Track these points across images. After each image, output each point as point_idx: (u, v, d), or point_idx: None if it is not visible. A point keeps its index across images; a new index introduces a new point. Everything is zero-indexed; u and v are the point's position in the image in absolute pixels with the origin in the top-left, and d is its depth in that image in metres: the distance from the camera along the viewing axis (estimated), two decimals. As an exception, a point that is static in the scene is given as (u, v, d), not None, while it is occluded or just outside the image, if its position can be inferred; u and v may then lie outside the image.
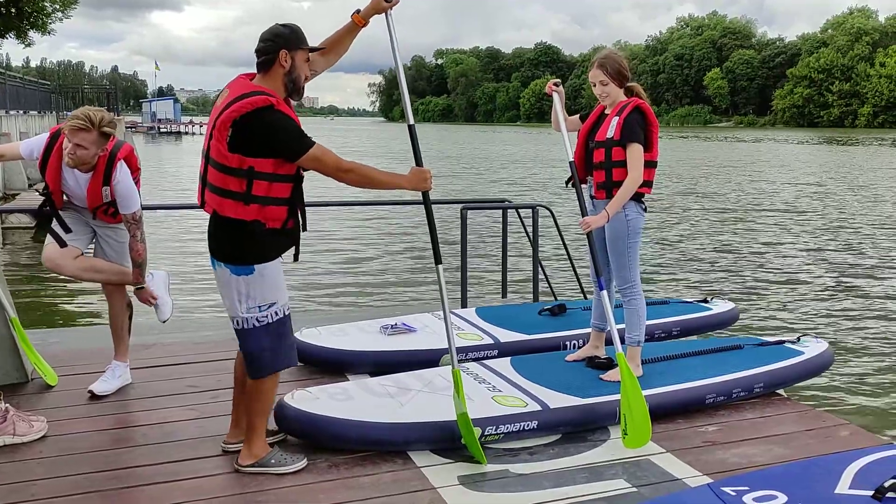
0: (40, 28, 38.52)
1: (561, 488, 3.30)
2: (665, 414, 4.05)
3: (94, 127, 3.89)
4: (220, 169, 3.15)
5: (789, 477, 2.86)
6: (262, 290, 3.28)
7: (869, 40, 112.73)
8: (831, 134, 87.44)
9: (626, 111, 4.15)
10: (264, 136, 3.10)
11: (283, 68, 3.23)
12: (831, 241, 16.49)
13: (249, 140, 3.10)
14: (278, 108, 3.13)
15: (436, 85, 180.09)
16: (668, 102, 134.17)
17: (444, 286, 3.68)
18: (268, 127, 3.10)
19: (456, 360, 3.65)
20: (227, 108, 3.12)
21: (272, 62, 3.23)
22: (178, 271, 12.69)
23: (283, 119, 3.14)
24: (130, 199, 4.14)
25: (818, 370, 4.74)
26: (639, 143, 4.11)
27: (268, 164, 3.14)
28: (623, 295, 4.32)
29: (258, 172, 3.13)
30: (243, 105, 3.09)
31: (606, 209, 4.11)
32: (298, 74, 3.27)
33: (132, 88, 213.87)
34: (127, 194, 4.13)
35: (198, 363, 4.87)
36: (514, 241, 7.45)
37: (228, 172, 3.14)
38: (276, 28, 3.28)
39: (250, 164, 3.12)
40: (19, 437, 3.63)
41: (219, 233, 3.27)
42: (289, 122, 3.15)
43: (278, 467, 3.39)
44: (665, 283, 12.42)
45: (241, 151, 3.11)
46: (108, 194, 4.13)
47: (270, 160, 3.14)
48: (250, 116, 3.08)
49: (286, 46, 3.22)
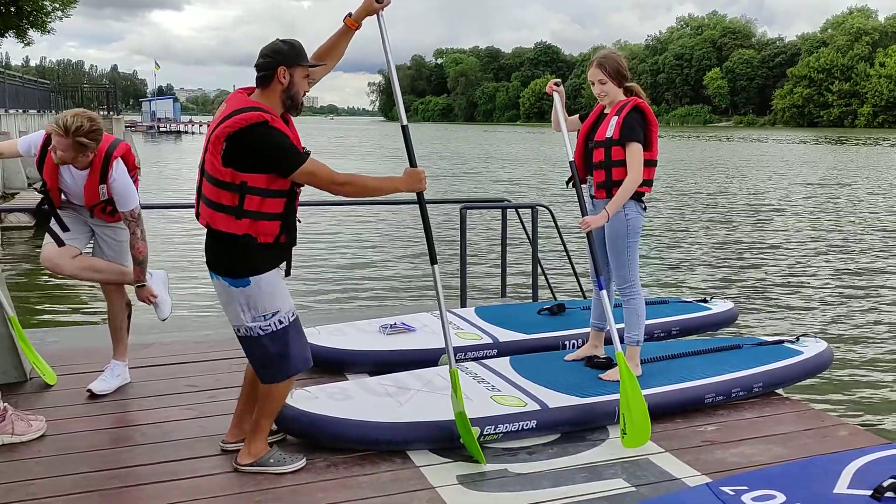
0: (40, 27, 38.51)
1: (560, 488, 3.30)
2: (664, 413, 4.05)
3: (66, 134, 3.86)
4: (214, 183, 3.18)
5: (788, 476, 2.86)
6: (262, 301, 3.29)
7: (869, 40, 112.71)
8: (831, 133, 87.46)
9: (625, 111, 4.15)
10: (258, 151, 3.12)
11: (281, 85, 3.24)
12: (831, 240, 16.49)
13: (243, 155, 3.12)
14: (273, 124, 3.15)
15: (435, 84, 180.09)
16: (667, 102, 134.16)
17: (440, 286, 3.68)
18: (261, 143, 3.11)
19: (454, 359, 3.65)
20: (222, 122, 3.14)
21: (271, 78, 3.24)
22: (178, 270, 12.70)
23: (277, 135, 3.15)
24: (128, 196, 4.11)
25: (817, 370, 4.74)
26: (638, 143, 4.11)
27: (261, 180, 3.15)
28: (622, 294, 4.32)
29: (251, 187, 3.15)
30: (237, 120, 3.11)
31: (606, 209, 4.11)
32: (297, 91, 3.29)
33: (132, 88, 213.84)
34: (124, 192, 4.09)
35: (197, 363, 4.87)
36: (513, 241, 7.45)
37: (221, 186, 3.16)
38: (276, 45, 3.28)
39: (243, 179, 3.13)
40: (18, 437, 3.63)
41: (214, 246, 3.29)
42: (283, 139, 3.16)
43: (277, 467, 3.39)
44: (664, 282, 12.42)
45: (235, 166, 3.13)
46: (104, 192, 4.11)
47: (264, 175, 3.15)
48: (244, 132, 3.10)
49: (285, 63, 3.23)
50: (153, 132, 74.71)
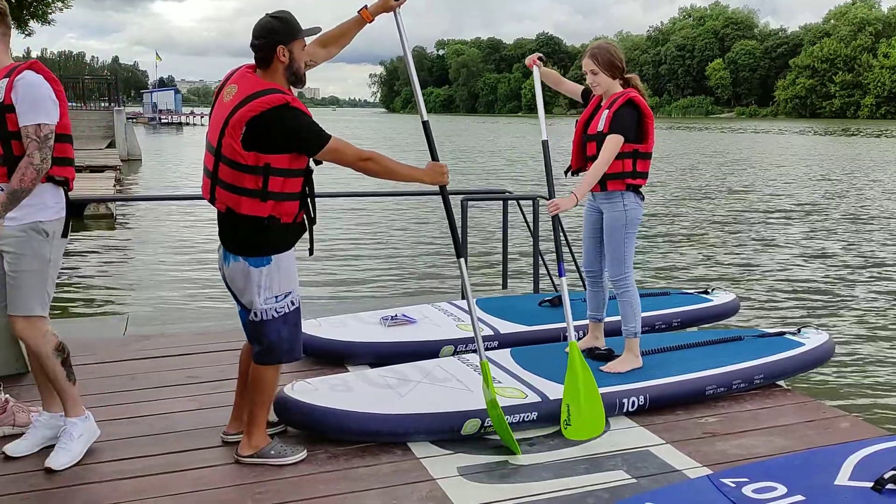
0: (41, 18, 38.41)
1: (560, 479, 3.30)
2: (665, 405, 4.05)
3: None
4: (234, 166, 3.15)
5: (789, 468, 2.86)
6: (279, 281, 3.30)
7: (872, 30, 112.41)
8: (833, 125, 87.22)
9: (616, 104, 4.14)
10: (283, 133, 3.11)
11: (282, 63, 3.22)
12: (833, 232, 16.47)
13: (267, 138, 3.10)
14: (294, 105, 3.14)
15: (437, 76, 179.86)
16: (669, 93, 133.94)
17: (468, 280, 3.71)
18: (287, 125, 3.11)
19: (483, 350, 3.66)
20: (239, 106, 3.11)
21: (271, 59, 3.22)
22: (180, 261, 12.71)
23: (301, 116, 3.15)
24: (37, 104, 3.18)
25: (818, 362, 4.74)
26: (619, 135, 4.09)
27: (283, 160, 3.15)
28: (615, 287, 4.31)
29: (274, 169, 3.14)
30: (259, 104, 3.08)
31: (574, 191, 4.10)
32: (298, 65, 3.27)
33: (133, 79, 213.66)
34: (33, 96, 3.19)
35: (198, 354, 4.87)
36: (514, 232, 7.44)
37: (243, 170, 3.14)
38: (268, 23, 3.22)
39: (266, 161, 3.12)
40: (19, 428, 3.62)
41: (235, 229, 3.26)
42: (305, 118, 3.17)
43: (278, 458, 3.40)
44: (666, 273, 12.41)
45: (258, 149, 3.11)
46: (2, 90, 3.20)
47: (286, 156, 3.15)
48: (268, 115, 3.08)
49: (282, 41, 3.20)
50: (154, 124, 74.65)
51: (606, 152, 4.09)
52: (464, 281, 3.71)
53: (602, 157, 4.09)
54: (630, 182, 4.20)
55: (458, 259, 3.71)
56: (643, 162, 4.21)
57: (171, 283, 11.28)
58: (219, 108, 3.21)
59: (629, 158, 4.17)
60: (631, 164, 4.18)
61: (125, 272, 12.23)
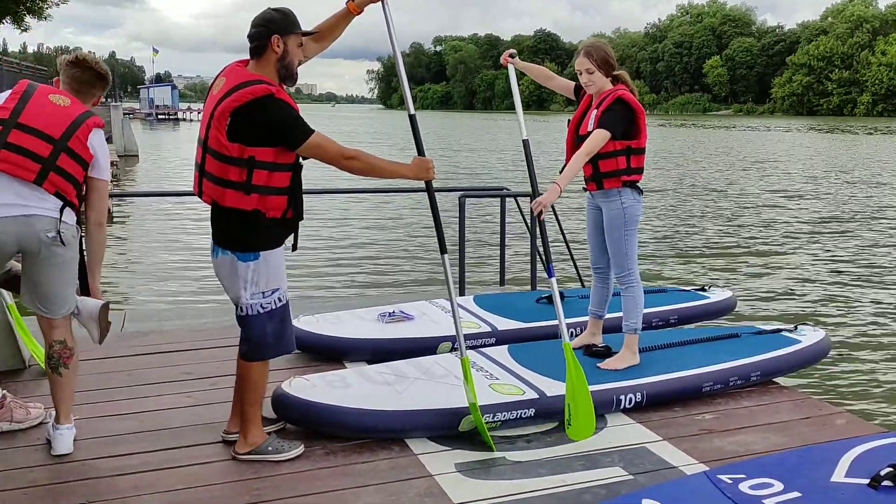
0: (37, 13, 38.34)
1: (557, 476, 3.31)
2: (662, 402, 4.06)
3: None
4: (220, 158, 3.14)
5: (785, 465, 2.87)
6: (267, 277, 3.29)
7: (869, 28, 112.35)
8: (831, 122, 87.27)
9: (605, 103, 4.14)
10: (265, 125, 3.09)
11: (275, 54, 3.22)
12: (830, 229, 16.50)
13: (250, 129, 3.09)
14: (278, 96, 3.12)
15: (434, 72, 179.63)
16: (667, 90, 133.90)
17: (451, 276, 3.68)
18: (269, 116, 3.09)
19: (464, 347, 3.65)
20: (225, 96, 3.10)
21: (264, 48, 3.21)
22: (177, 258, 12.70)
23: (285, 107, 3.13)
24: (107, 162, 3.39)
25: (815, 359, 4.74)
26: (605, 130, 4.07)
27: (268, 153, 3.13)
28: (620, 283, 4.32)
29: (259, 161, 3.12)
30: (243, 94, 3.07)
31: (557, 182, 4.09)
32: (291, 60, 3.26)
33: (130, 75, 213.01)
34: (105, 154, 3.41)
35: (195, 350, 4.87)
36: (512, 229, 7.44)
37: (228, 162, 3.13)
38: (268, 13, 3.25)
39: (251, 154, 3.11)
40: (17, 424, 3.62)
41: (222, 222, 3.26)
42: (290, 110, 3.15)
43: (275, 454, 3.40)
44: (663, 271, 12.43)
45: (242, 141, 3.10)
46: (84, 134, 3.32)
47: (271, 149, 3.13)
48: (251, 106, 3.07)
49: (278, 31, 3.20)
50: (151, 119, 74.59)
51: (590, 144, 4.07)
52: (447, 277, 3.69)
53: (584, 147, 4.08)
54: (626, 179, 4.20)
55: (442, 255, 3.70)
56: (637, 158, 4.21)
57: (168, 279, 11.27)
58: (208, 101, 3.22)
59: (623, 155, 4.17)
60: (625, 161, 4.19)
61: (122, 269, 12.22)
